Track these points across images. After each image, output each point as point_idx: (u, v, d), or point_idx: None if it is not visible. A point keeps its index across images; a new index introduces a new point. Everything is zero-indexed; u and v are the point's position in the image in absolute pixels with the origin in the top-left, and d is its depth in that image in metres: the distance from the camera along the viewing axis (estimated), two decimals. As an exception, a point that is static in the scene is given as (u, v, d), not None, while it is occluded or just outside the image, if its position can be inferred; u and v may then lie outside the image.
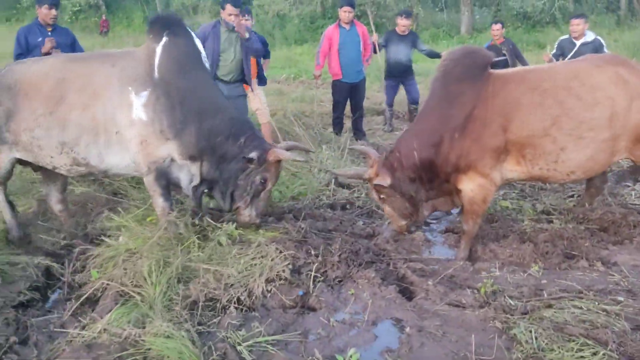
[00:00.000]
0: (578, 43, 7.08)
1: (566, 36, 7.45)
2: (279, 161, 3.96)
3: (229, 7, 5.80)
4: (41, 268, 3.88)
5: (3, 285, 3.58)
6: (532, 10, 23.50)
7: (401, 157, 3.92)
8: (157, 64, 3.67)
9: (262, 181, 3.98)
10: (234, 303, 3.36)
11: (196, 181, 3.97)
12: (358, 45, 7.53)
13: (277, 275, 3.54)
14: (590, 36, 7.09)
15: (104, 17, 28.50)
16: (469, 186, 3.80)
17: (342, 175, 4.59)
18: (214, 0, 31.08)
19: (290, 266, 3.62)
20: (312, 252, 3.87)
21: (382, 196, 4.04)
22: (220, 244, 3.88)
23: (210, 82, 4.00)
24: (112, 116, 3.63)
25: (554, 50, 7.51)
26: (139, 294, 3.31)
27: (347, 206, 5.17)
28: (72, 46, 5.75)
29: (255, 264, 3.62)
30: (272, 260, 3.62)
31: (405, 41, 8.30)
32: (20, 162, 4.08)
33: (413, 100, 8.54)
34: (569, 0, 24.56)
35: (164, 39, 3.73)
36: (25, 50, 5.51)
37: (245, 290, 3.43)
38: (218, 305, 3.37)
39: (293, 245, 3.92)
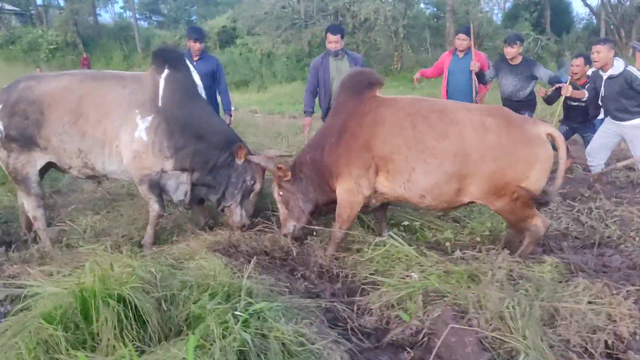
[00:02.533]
0: (605, 76, 6.03)
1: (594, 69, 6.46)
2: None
3: (329, 36, 6.03)
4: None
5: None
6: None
7: (300, 157, 4.40)
8: (161, 94, 4.22)
9: (252, 181, 4.52)
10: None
11: (187, 187, 4.46)
12: (468, 74, 6.84)
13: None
14: (618, 67, 5.98)
15: (84, 55, 27.76)
16: (339, 190, 4.12)
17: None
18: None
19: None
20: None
21: (281, 192, 4.39)
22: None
23: (206, 108, 4.45)
24: (118, 132, 4.16)
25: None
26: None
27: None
28: (213, 74, 6.33)
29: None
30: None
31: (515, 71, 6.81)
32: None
33: None
34: (552, 40, 25.13)
35: (166, 71, 4.26)
36: None
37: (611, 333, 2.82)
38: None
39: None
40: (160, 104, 4.19)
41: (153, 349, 2.52)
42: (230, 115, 6.54)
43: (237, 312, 2.56)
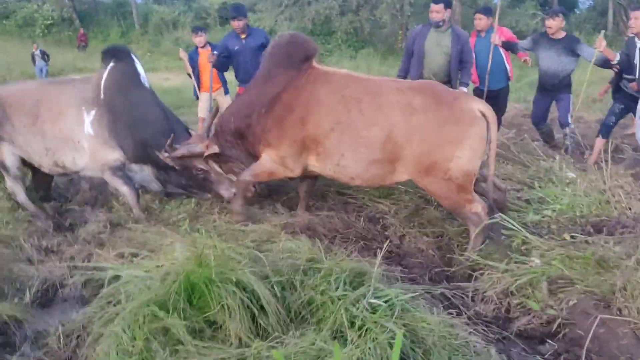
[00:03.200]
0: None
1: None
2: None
3: (431, 5, 5.73)
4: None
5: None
6: (526, 29, 23.57)
7: (222, 124, 4.23)
8: (103, 87, 4.35)
9: (201, 172, 4.41)
10: None
11: (157, 183, 4.60)
12: (495, 52, 6.47)
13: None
14: None
15: (81, 31, 27.05)
16: (265, 155, 4.00)
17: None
18: (195, 15, 30.19)
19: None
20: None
21: (220, 166, 4.33)
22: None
23: (147, 98, 4.45)
24: (73, 129, 4.33)
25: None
26: None
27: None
28: (264, 47, 5.87)
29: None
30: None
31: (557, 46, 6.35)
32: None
33: (560, 122, 6.71)
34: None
35: (110, 64, 4.42)
36: (225, 51, 6.42)
37: None
38: None
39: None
40: (102, 96, 4.34)
41: (284, 337, 2.27)
42: None
43: (373, 300, 2.32)
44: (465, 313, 2.80)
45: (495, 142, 3.62)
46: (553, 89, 6.49)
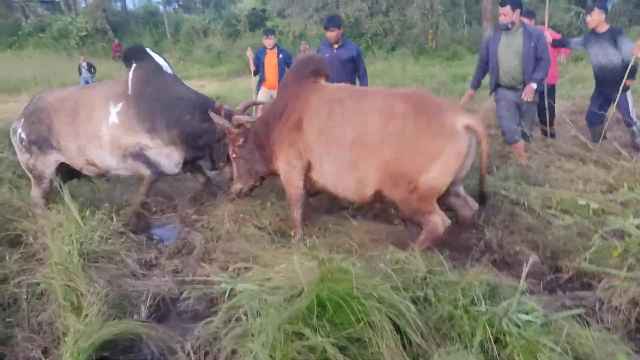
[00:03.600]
0: None
1: None
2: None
3: (499, 8, 5.74)
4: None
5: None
6: (560, 24, 23.15)
7: (252, 127, 4.37)
8: (130, 83, 4.69)
9: (236, 152, 4.55)
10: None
11: (179, 161, 4.78)
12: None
13: None
14: None
15: (116, 42, 27.47)
16: (281, 166, 4.17)
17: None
18: (226, 22, 30.41)
19: None
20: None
21: (233, 154, 4.49)
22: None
23: (171, 81, 4.77)
24: (100, 125, 4.65)
25: None
26: None
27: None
28: (353, 60, 6.40)
29: None
30: None
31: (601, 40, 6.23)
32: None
33: (625, 122, 6.56)
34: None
35: (133, 65, 4.77)
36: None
37: None
38: None
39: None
40: (129, 92, 4.66)
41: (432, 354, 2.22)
42: None
43: (523, 315, 2.25)
44: (596, 325, 2.71)
45: (486, 155, 3.57)
46: (606, 85, 6.36)
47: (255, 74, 8.10)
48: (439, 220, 3.57)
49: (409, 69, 19.36)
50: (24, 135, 4.88)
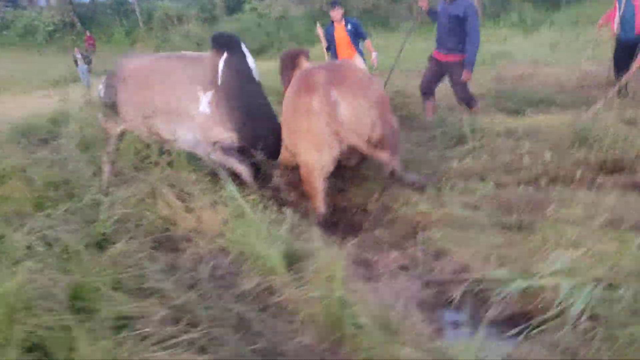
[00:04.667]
0: None
1: None
2: None
3: None
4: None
5: None
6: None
7: None
8: (220, 74, 4.42)
9: None
10: None
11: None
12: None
13: None
14: None
15: (88, 34, 26.02)
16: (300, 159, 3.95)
17: None
18: (201, 8, 29.23)
19: None
20: None
21: None
22: None
23: (260, 93, 4.58)
24: (186, 105, 4.45)
25: None
26: None
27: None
28: (458, 18, 5.95)
29: None
30: None
31: None
32: None
33: None
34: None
35: (225, 54, 4.43)
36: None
37: None
38: None
39: None
40: (219, 82, 4.43)
41: None
42: None
43: None
44: None
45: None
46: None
47: (328, 50, 7.54)
48: (317, 210, 3.60)
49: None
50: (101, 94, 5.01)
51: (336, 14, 7.26)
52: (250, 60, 4.59)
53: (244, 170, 4.37)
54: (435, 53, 6.22)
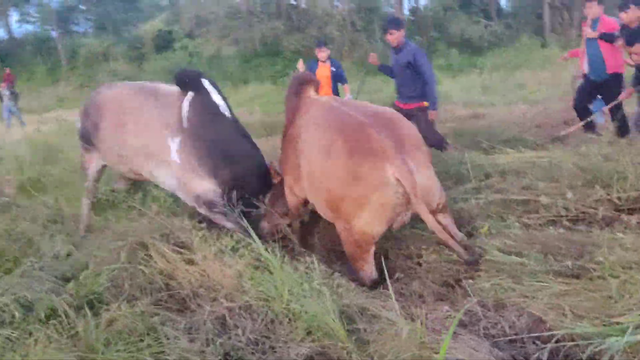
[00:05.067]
0: None
1: None
2: None
3: None
4: None
5: None
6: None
7: None
8: (186, 117, 4.15)
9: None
10: None
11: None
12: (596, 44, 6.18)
13: None
14: None
15: (7, 71, 24.35)
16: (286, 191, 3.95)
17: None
18: (129, 45, 28.36)
19: None
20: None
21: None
22: None
23: (233, 129, 4.27)
24: (158, 150, 4.18)
25: None
26: None
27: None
28: (409, 65, 6.00)
29: None
30: None
31: None
32: None
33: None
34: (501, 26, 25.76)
35: (190, 93, 4.21)
36: None
37: None
38: None
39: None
40: (185, 125, 4.15)
41: None
42: None
43: None
44: None
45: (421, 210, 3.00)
46: None
47: None
48: (371, 274, 3.18)
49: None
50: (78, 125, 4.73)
51: (323, 53, 7.28)
52: (217, 96, 4.27)
53: (233, 226, 3.90)
54: (397, 102, 6.19)
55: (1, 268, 3.37)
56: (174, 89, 4.36)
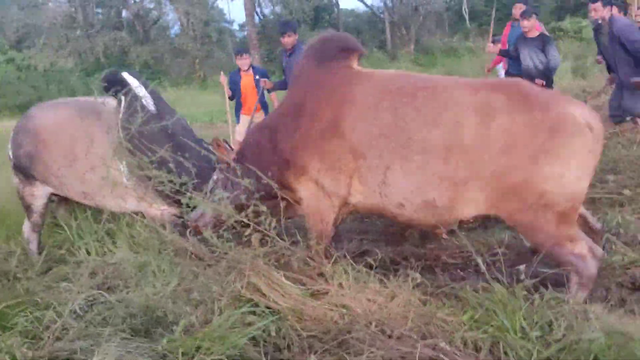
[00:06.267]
0: None
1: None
2: None
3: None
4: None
5: None
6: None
7: (245, 139, 3.72)
8: (121, 130, 3.78)
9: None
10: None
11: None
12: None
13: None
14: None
15: None
16: (302, 192, 3.22)
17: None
18: None
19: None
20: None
21: (216, 176, 3.58)
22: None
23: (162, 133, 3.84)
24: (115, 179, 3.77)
25: None
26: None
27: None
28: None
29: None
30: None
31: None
32: None
33: None
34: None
35: (121, 102, 3.89)
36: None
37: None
38: None
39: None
40: (124, 144, 3.77)
41: None
42: None
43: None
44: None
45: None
46: None
47: (231, 99, 6.90)
48: (586, 252, 2.68)
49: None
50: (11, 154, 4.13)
51: (244, 62, 6.86)
52: (140, 90, 3.93)
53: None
54: None
55: None
56: (114, 102, 3.99)
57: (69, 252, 3.59)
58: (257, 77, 6.73)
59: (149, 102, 3.93)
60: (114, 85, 3.94)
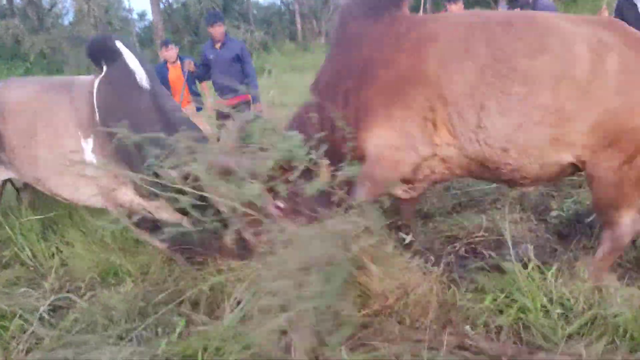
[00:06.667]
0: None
1: None
2: None
3: None
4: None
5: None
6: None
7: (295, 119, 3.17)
8: (96, 105, 3.43)
9: None
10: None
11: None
12: None
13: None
14: None
15: None
16: (376, 143, 2.82)
17: None
18: None
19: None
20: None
21: None
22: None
23: (152, 110, 3.44)
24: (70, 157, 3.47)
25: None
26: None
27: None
28: (238, 58, 6.05)
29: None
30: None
31: None
32: None
33: None
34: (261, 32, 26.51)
35: (104, 68, 3.50)
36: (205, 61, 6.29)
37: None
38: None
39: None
40: (97, 118, 3.40)
41: None
42: None
43: None
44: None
45: None
46: None
47: None
48: (630, 222, 2.57)
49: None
50: None
51: (170, 52, 6.48)
52: (134, 62, 3.41)
53: (162, 248, 3.35)
54: (221, 100, 5.89)
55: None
56: (92, 76, 3.57)
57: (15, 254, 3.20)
58: (185, 70, 6.30)
59: (142, 76, 3.43)
60: (102, 55, 3.46)
